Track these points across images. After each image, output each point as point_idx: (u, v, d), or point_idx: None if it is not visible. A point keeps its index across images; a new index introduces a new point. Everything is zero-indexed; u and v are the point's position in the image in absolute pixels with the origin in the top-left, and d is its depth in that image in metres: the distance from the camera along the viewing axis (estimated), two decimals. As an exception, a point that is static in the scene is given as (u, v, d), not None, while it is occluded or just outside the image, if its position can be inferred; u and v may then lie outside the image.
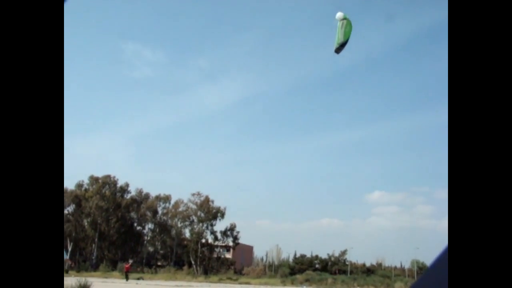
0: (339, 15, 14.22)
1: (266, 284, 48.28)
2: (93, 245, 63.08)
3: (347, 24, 14.19)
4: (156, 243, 70.89)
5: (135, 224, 70.05)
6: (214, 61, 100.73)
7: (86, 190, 65.77)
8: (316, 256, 73.91)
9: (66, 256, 14.83)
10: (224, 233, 66.95)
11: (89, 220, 65.13)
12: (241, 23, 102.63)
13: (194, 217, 66.40)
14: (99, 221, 64.02)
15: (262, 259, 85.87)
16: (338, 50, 14.14)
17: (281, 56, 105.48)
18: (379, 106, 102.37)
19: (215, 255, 67.88)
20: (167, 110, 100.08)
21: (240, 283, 46.38)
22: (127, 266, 43.10)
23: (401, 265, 77.71)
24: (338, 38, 14.06)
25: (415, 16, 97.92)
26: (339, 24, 14.16)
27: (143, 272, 55.58)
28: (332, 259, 72.51)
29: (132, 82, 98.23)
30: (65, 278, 21.43)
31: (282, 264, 75.15)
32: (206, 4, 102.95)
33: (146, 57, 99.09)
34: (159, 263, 68.19)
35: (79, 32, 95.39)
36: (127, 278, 39.62)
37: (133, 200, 68.62)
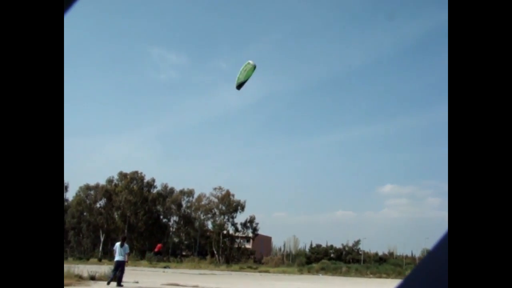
0: (251, 62, 15.03)
1: (284, 272, 48.09)
2: (123, 236, 63.85)
3: (251, 69, 14.89)
4: (181, 234, 71.62)
5: (161, 217, 70.88)
6: (233, 63, 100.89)
7: (116, 185, 66.82)
8: (331, 246, 73.68)
9: (127, 250, 15.87)
10: (244, 225, 67.46)
11: (119, 213, 66.16)
12: (258, 27, 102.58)
13: (216, 210, 66.94)
14: (128, 214, 64.90)
15: (280, 249, 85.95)
16: (239, 87, 15.08)
17: (297, 57, 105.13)
18: (390, 104, 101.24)
19: (236, 246, 68.37)
20: (191, 110, 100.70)
21: (260, 272, 46.24)
22: (159, 245, 39.22)
23: (412, 254, 77.16)
24: (238, 78, 14.91)
25: (429, 15, 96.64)
26: (244, 66, 14.93)
27: (169, 261, 56.01)
28: (346, 248, 72.20)
29: (159, 84, 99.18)
30: (98, 267, 21.77)
31: (299, 253, 75.10)
32: (226, 10, 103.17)
33: (171, 60, 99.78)
34: (183, 253, 68.84)
35: (113, 41, 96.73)
36: (156, 255, 36.83)
37: (159, 194, 69.37)
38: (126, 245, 16.06)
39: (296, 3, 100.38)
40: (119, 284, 15.25)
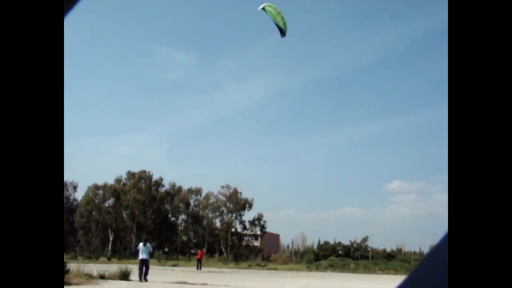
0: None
1: (292, 269, 48.17)
2: (132, 235, 64.15)
3: (274, 15, 15.65)
4: (189, 232, 71.80)
5: (170, 215, 70.97)
6: (241, 62, 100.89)
7: (124, 184, 66.97)
8: (339, 243, 73.38)
9: (151, 249, 17.61)
10: (252, 223, 67.42)
11: (127, 212, 66.34)
12: (266, 26, 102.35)
13: (223, 208, 66.99)
14: (136, 213, 65.05)
15: (288, 246, 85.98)
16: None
17: (304, 55, 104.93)
18: (397, 101, 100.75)
19: (244, 243, 68.46)
20: (199, 109, 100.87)
21: (268, 269, 46.27)
22: (200, 252, 38.63)
23: (420, 250, 76.54)
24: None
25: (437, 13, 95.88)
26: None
27: (178, 259, 56.17)
28: (354, 245, 71.85)
29: (167, 83, 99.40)
30: (108, 265, 21.81)
31: (307, 250, 74.94)
32: (233, 9, 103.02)
33: (178, 59, 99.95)
34: (192, 251, 68.87)
35: (120, 41, 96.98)
36: (199, 266, 35.98)
37: (167, 193, 69.48)
38: (148, 245, 18.52)
39: (303, 0, 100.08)
40: (144, 279, 17.10)
